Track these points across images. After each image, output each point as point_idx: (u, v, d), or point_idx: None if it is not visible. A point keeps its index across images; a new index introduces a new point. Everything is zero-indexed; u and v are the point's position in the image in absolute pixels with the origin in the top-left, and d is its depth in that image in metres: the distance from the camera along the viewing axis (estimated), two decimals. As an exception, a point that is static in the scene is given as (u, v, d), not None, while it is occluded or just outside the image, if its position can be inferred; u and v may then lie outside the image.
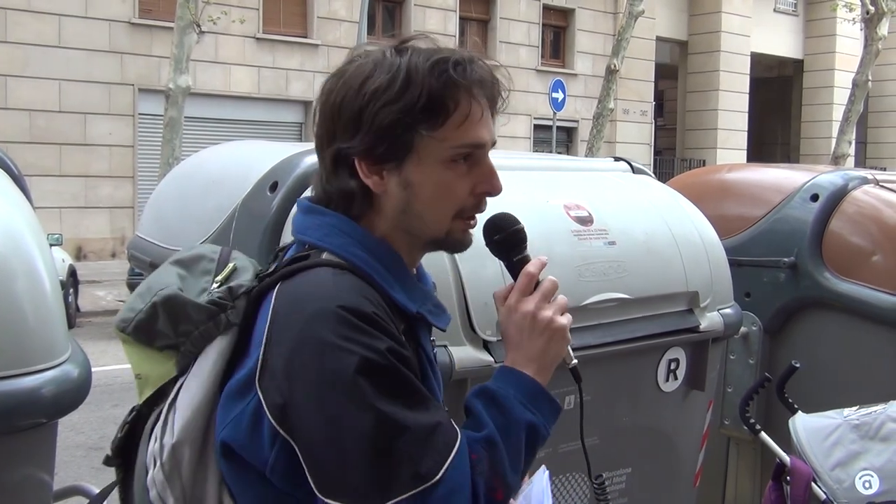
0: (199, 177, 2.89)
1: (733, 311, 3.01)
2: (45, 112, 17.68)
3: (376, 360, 1.30)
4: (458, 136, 1.43)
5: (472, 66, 1.44)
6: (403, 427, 1.29)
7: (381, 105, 1.39)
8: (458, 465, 1.32)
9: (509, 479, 1.38)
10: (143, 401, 1.55)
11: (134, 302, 1.51)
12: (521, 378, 1.46)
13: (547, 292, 1.52)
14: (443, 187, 1.45)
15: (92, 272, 16.20)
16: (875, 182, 3.81)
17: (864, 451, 2.77)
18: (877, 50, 19.68)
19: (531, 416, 1.43)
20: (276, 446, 1.34)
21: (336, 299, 1.33)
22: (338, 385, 1.29)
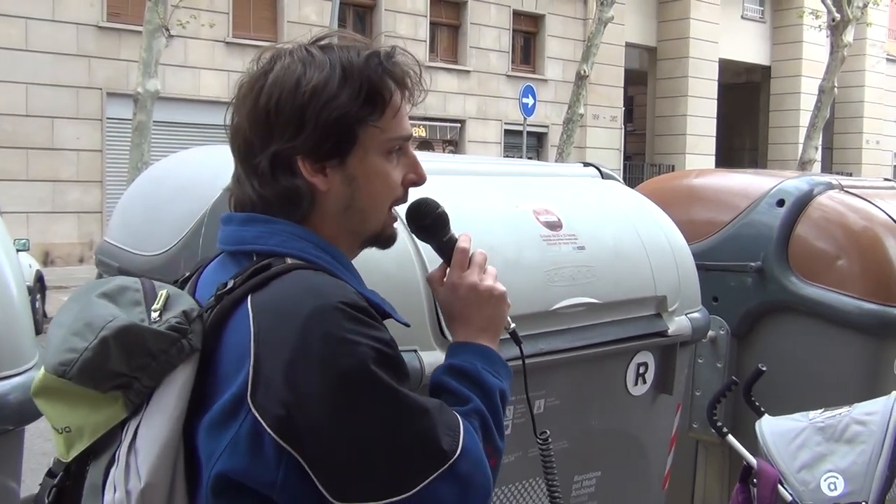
0: (169, 182, 2.87)
1: (701, 316, 3.04)
2: (12, 116, 17.49)
3: (386, 350, 1.29)
4: (393, 128, 1.45)
5: (400, 58, 1.46)
6: (424, 409, 1.30)
7: (324, 102, 1.38)
8: (469, 437, 1.34)
9: (499, 444, 1.43)
10: (72, 457, 1.37)
11: (69, 342, 1.31)
12: (479, 349, 1.51)
13: (481, 264, 1.56)
14: (384, 179, 1.46)
15: (59, 278, 16.04)
16: (840, 187, 3.85)
17: (830, 453, 2.80)
18: (842, 56, 19.93)
19: (499, 381, 1.48)
20: (283, 463, 1.25)
21: (332, 296, 1.29)
22: (356, 378, 1.25)
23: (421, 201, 1.63)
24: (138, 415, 1.32)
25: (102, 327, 1.29)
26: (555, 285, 2.52)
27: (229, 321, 1.33)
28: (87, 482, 1.37)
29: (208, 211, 2.44)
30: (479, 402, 1.43)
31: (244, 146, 1.42)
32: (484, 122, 25.05)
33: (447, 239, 1.61)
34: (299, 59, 1.41)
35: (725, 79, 31.67)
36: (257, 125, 1.40)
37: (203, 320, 1.35)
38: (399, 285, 2.12)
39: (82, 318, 1.33)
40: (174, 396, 1.31)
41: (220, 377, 1.31)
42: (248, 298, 1.32)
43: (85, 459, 1.37)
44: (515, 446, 2.50)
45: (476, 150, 24.39)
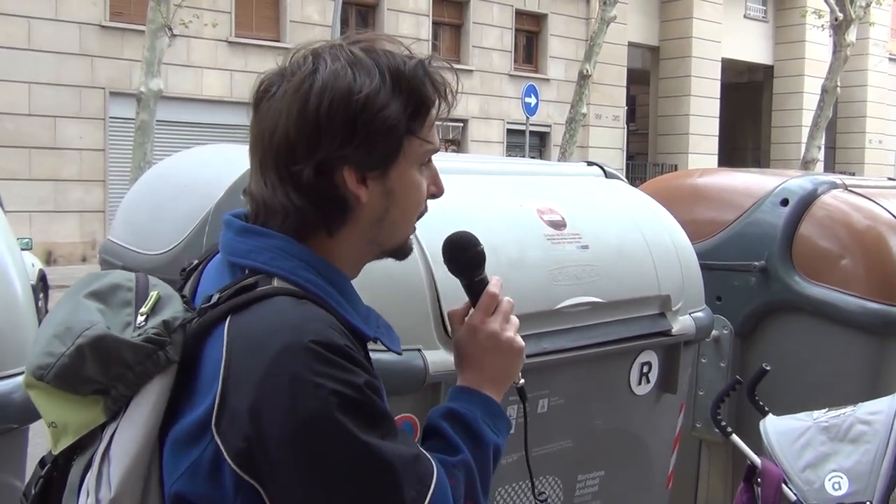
0: (173, 181, 2.88)
1: (705, 315, 3.03)
2: (15, 115, 17.50)
3: (354, 396, 1.23)
4: (431, 138, 1.42)
5: (439, 67, 1.42)
6: (388, 462, 1.24)
7: (377, 111, 1.32)
8: (440, 493, 1.29)
9: (482, 502, 1.38)
10: (59, 451, 1.37)
11: (51, 345, 1.30)
12: (483, 399, 1.47)
13: (507, 313, 1.52)
14: (418, 191, 1.42)
15: (62, 277, 16.03)
16: (844, 187, 3.85)
17: (834, 452, 2.79)
18: (845, 56, 19.92)
19: (496, 437, 1.44)
20: (242, 494, 1.23)
21: (306, 333, 1.23)
22: (317, 424, 1.20)
23: (461, 235, 1.59)
24: (116, 420, 1.30)
25: (80, 334, 1.28)
26: (558, 284, 2.52)
27: (208, 338, 1.30)
28: (68, 479, 1.36)
29: (212, 210, 2.44)
30: (468, 455, 1.39)
31: (285, 150, 1.34)
32: (486, 121, 25.05)
33: (479, 279, 1.56)
34: (346, 61, 1.34)
35: (728, 78, 31.66)
36: (304, 130, 1.33)
37: (185, 331, 1.32)
38: (401, 284, 2.12)
39: (65, 321, 1.31)
40: (149, 408, 1.29)
41: (193, 393, 1.29)
42: (227, 319, 1.29)
43: (71, 454, 1.37)
44: (517, 446, 2.50)
45: (478, 149, 24.40)
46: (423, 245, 2.12)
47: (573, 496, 2.70)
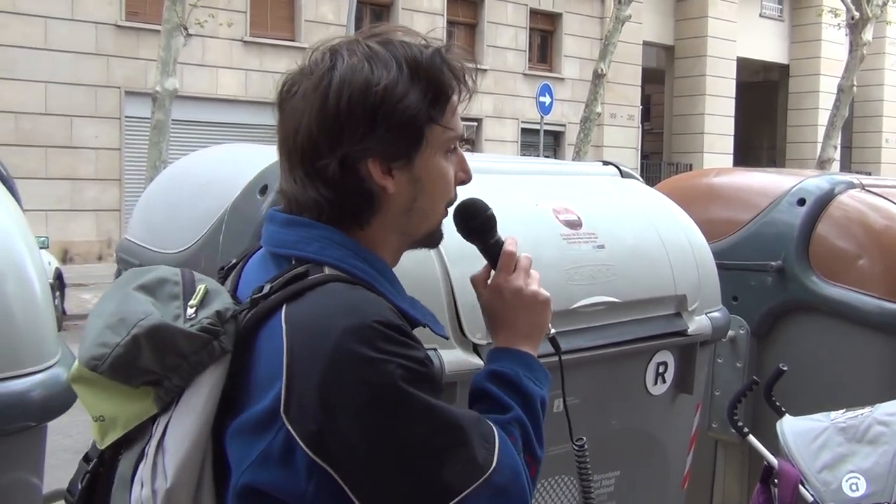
0: (189, 180, 2.88)
1: (721, 315, 3.02)
2: (31, 115, 17.60)
3: (419, 369, 1.27)
4: (454, 125, 1.44)
5: (457, 53, 1.44)
6: (460, 424, 1.29)
7: (395, 101, 1.34)
8: (505, 448, 1.33)
9: (539, 454, 1.42)
10: (106, 445, 1.39)
11: (103, 335, 1.31)
12: (521, 355, 1.49)
13: (527, 268, 1.55)
14: (445, 178, 1.45)
15: (78, 275, 16.13)
16: (861, 186, 3.83)
17: (851, 453, 2.78)
18: (861, 55, 19.81)
19: (540, 390, 1.46)
20: (314, 478, 1.24)
21: (368, 314, 1.27)
22: (388, 398, 1.23)
23: (470, 202, 1.60)
24: (168, 412, 1.31)
25: (135, 324, 1.29)
26: (574, 284, 2.51)
27: (262, 328, 1.31)
28: (117, 472, 1.37)
29: (228, 209, 2.45)
30: (519, 410, 1.42)
31: (309, 147, 1.37)
32: (501, 120, 25.03)
33: (494, 241, 1.59)
34: (363, 55, 1.36)
35: (743, 77, 31.53)
36: (325, 126, 1.35)
37: (237, 322, 1.34)
38: (416, 283, 2.12)
39: (118, 313, 1.32)
40: (204, 398, 1.30)
41: (251, 383, 1.30)
42: (283, 308, 1.30)
43: (118, 448, 1.38)
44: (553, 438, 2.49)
45: (493, 148, 24.39)
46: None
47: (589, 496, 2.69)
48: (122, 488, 1.35)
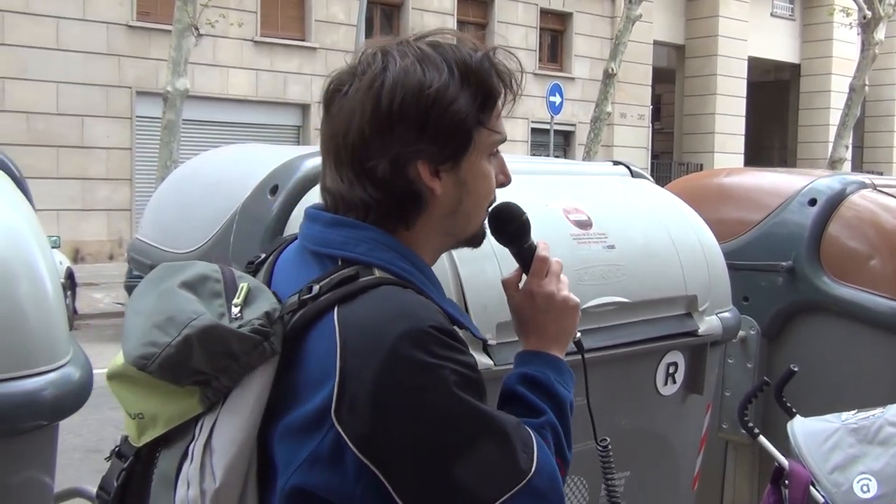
0: (200, 180, 2.89)
1: (731, 315, 3.02)
2: (43, 114, 17.67)
3: (471, 375, 1.30)
4: (499, 128, 1.46)
5: (504, 58, 1.46)
6: (505, 430, 1.31)
7: (447, 105, 1.36)
8: (543, 454, 1.35)
9: (568, 456, 1.45)
10: (144, 443, 1.40)
11: (151, 334, 1.31)
12: (551, 360, 1.52)
13: (558, 274, 1.58)
14: (489, 181, 1.47)
15: (89, 275, 16.18)
16: (873, 186, 3.81)
17: (863, 454, 2.77)
18: (873, 54, 19.74)
19: (568, 393, 1.49)
20: (363, 480, 1.26)
21: (424, 319, 1.28)
22: (440, 403, 1.26)
23: (506, 206, 1.61)
24: (214, 412, 1.32)
25: (186, 324, 1.29)
26: (584, 284, 2.51)
27: (312, 329, 1.32)
28: (157, 470, 1.38)
29: (239, 209, 2.45)
30: (552, 415, 1.44)
31: (360, 147, 1.37)
32: (510, 120, 24.75)
33: (527, 246, 1.62)
34: (415, 57, 1.38)
35: (754, 77, 31.44)
36: (378, 126, 1.36)
37: (284, 323, 1.34)
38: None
39: (164, 311, 1.32)
40: (252, 399, 1.31)
41: (299, 385, 1.31)
42: (335, 310, 1.31)
43: (155, 446, 1.39)
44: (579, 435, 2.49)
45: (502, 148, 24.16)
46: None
47: (599, 497, 2.69)
48: (164, 486, 1.35)
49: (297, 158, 2.47)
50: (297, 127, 21.49)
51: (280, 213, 2.34)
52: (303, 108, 21.23)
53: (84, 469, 6.26)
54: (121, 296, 13.92)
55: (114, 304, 14.47)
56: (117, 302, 14.36)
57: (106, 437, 7.07)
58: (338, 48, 20.99)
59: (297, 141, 21.08)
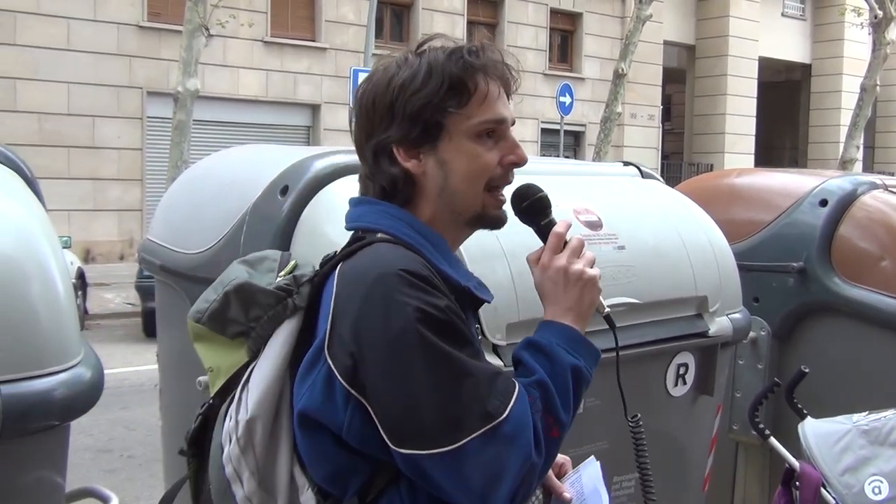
0: (210, 180, 2.90)
1: (742, 316, 3.01)
2: (54, 115, 17.74)
3: (436, 314, 1.43)
4: (481, 113, 1.60)
5: (485, 51, 1.62)
6: (468, 370, 1.42)
7: (409, 95, 1.56)
8: (520, 405, 1.43)
9: (562, 417, 1.49)
10: (215, 392, 1.68)
11: (207, 294, 1.67)
12: (560, 327, 1.57)
13: (575, 249, 1.63)
14: (473, 159, 1.60)
15: (100, 275, 16.23)
16: (884, 187, 3.80)
17: (874, 456, 2.76)
18: (885, 54, 19.66)
19: (574, 359, 1.53)
20: (350, 407, 1.44)
21: (397, 264, 1.47)
22: (405, 336, 1.41)
23: (524, 185, 1.71)
24: (255, 360, 1.60)
25: (227, 283, 1.64)
26: (595, 285, 2.51)
27: (325, 284, 1.55)
28: (220, 411, 1.64)
29: (249, 209, 2.46)
30: (543, 374, 1.50)
31: (356, 142, 1.66)
32: (521, 120, 24.98)
33: (546, 223, 1.68)
34: (396, 62, 1.61)
35: (765, 77, 31.35)
36: (360, 121, 1.63)
37: (313, 284, 1.60)
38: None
39: (220, 278, 1.68)
40: (279, 344, 1.57)
41: (315, 329, 1.54)
42: (339, 265, 1.54)
43: (223, 395, 1.66)
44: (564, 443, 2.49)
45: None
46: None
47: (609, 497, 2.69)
48: (220, 423, 1.62)
49: (307, 159, 2.48)
50: (307, 127, 21.51)
51: (290, 212, 2.35)
52: (313, 109, 21.26)
53: (95, 469, 6.28)
54: (131, 296, 13.95)
55: (124, 304, 14.51)
56: (128, 302, 14.40)
57: (116, 437, 7.09)
58: (348, 48, 21.02)
59: (307, 141, 21.10)
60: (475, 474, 1.40)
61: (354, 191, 1.72)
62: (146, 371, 8.80)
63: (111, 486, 1.91)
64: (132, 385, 8.63)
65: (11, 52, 17.30)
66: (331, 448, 1.49)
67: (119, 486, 5.78)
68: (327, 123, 21.12)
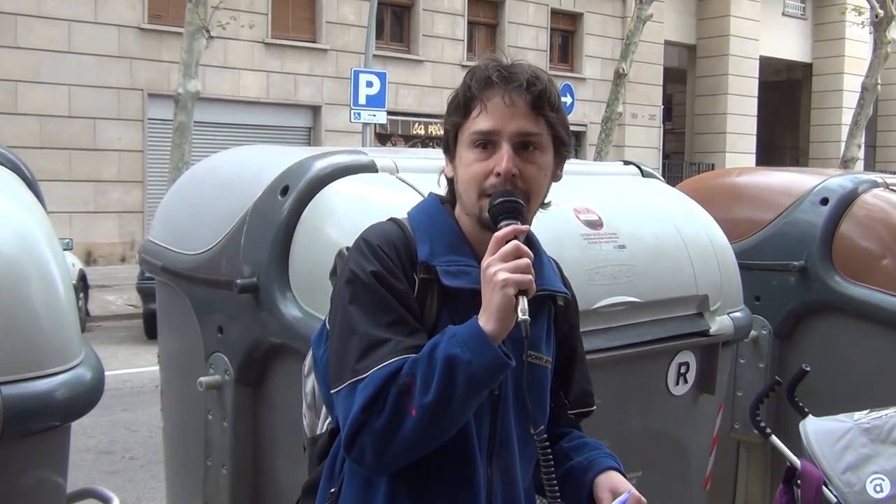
0: (211, 181, 2.90)
1: (743, 315, 3.01)
2: (56, 117, 17.74)
3: (360, 276, 1.69)
4: (474, 124, 1.74)
5: (484, 72, 1.76)
6: (357, 331, 1.65)
7: (450, 110, 1.79)
8: (381, 372, 1.60)
9: (418, 397, 1.58)
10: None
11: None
12: (470, 324, 1.63)
13: (504, 253, 1.62)
14: (466, 167, 1.75)
15: (102, 277, 16.24)
16: (885, 186, 3.80)
17: (875, 454, 2.76)
18: (886, 53, 19.62)
19: (457, 350, 1.58)
20: (326, 342, 1.76)
21: (367, 235, 1.75)
22: (338, 291, 1.73)
23: (499, 191, 1.73)
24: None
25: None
26: (595, 284, 2.51)
27: None
28: None
29: (250, 209, 2.46)
30: (420, 357, 1.61)
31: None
32: (522, 121, 24.95)
33: (498, 227, 1.68)
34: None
35: (766, 76, 31.33)
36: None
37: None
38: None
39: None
40: None
41: None
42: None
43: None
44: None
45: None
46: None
47: (610, 497, 2.68)
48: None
49: (307, 159, 2.48)
50: (307, 128, 21.51)
51: (291, 213, 2.35)
52: (313, 110, 21.25)
53: (96, 470, 6.28)
54: (133, 298, 13.95)
55: (126, 306, 14.50)
56: (129, 304, 14.40)
57: (118, 438, 7.09)
58: (348, 50, 21.01)
59: (308, 142, 21.09)
60: (340, 415, 1.67)
61: (354, 190, 1.77)
62: (148, 372, 8.80)
63: (112, 487, 1.91)
64: (134, 386, 8.63)
65: (13, 54, 17.31)
66: (322, 379, 1.81)
67: (120, 487, 5.78)
68: (328, 125, 21.11)
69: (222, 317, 2.56)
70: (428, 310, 1.74)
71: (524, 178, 1.73)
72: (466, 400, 1.61)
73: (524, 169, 1.73)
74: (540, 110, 1.75)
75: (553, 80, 1.86)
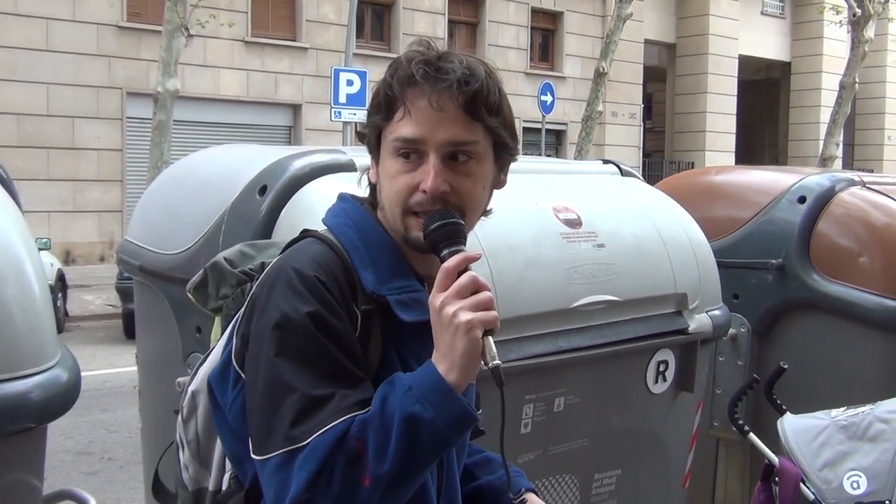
0: (189, 181, 2.89)
1: (722, 313, 3.02)
2: (34, 116, 17.60)
3: (293, 319, 1.39)
4: (396, 129, 1.48)
5: (407, 68, 1.48)
6: (292, 388, 1.37)
7: (369, 108, 1.56)
8: (324, 438, 1.33)
9: (372, 466, 1.33)
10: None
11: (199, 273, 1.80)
12: (428, 371, 1.37)
13: (460, 288, 1.37)
14: (389, 179, 1.51)
15: (80, 276, 16.14)
16: (862, 184, 3.82)
17: (852, 451, 2.78)
18: (863, 52, 19.76)
19: (417, 408, 1.33)
20: (238, 387, 1.49)
21: (295, 262, 1.46)
22: (262, 336, 1.42)
23: (433, 211, 1.47)
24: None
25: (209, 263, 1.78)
26: (574, 283, 2.52)
27: None
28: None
29: (228, 209, 2.45)
30: (371, 416, 1.35)
31: None
32: (502, 119, 24.96)
33: (444, 255, 1.43)
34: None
35: (745, 75, 31.48)
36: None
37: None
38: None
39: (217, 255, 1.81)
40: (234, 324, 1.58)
41: None
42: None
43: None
44: (535, 445, 2.50)
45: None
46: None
47: (590, 495, 2.70)
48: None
49: (285, 158, 2.47)
50: (288, 127, 21.44)
51: (269, 212, 2.35)
52: (294, 109, 21.19)
53: (74, 472, 6.24)
54: (112, 297, 13.88)
55: (105, 305, 14.42)
56: (108, 304, 14.32)
57: (96, 439, 7.05)
58: (329, 48, 20.96)
59: (289, 141, 21.03)
60: (269, 489, 1.37)
61: (332, 190, 1.71)
62: (127, 373, 8.75)
63: (91, 488, 1.90)
64: (113, 387, 8.59)
65: (-11, 52, 17.18)
66: (226, 428, 1.54)
67: (99, 488, 5.74)
68: (308, 123, 21.05)
69: (201, 317, 2.54)
70: (372, 349, 1.47)
71: (457, 193, 1.47)
72: (428, 464, 1.39)
73: (456, 183, 1.47)
74: (475, 115, 1.48)
75: (494, 73, 1.58)
